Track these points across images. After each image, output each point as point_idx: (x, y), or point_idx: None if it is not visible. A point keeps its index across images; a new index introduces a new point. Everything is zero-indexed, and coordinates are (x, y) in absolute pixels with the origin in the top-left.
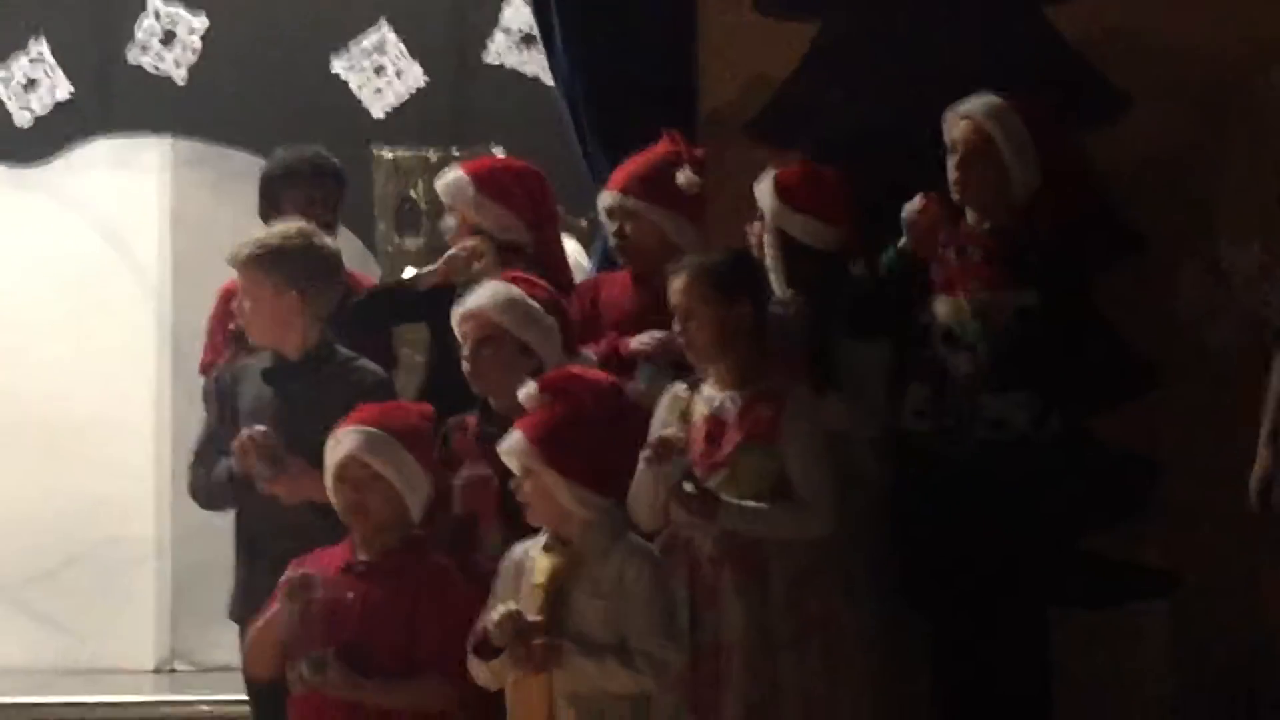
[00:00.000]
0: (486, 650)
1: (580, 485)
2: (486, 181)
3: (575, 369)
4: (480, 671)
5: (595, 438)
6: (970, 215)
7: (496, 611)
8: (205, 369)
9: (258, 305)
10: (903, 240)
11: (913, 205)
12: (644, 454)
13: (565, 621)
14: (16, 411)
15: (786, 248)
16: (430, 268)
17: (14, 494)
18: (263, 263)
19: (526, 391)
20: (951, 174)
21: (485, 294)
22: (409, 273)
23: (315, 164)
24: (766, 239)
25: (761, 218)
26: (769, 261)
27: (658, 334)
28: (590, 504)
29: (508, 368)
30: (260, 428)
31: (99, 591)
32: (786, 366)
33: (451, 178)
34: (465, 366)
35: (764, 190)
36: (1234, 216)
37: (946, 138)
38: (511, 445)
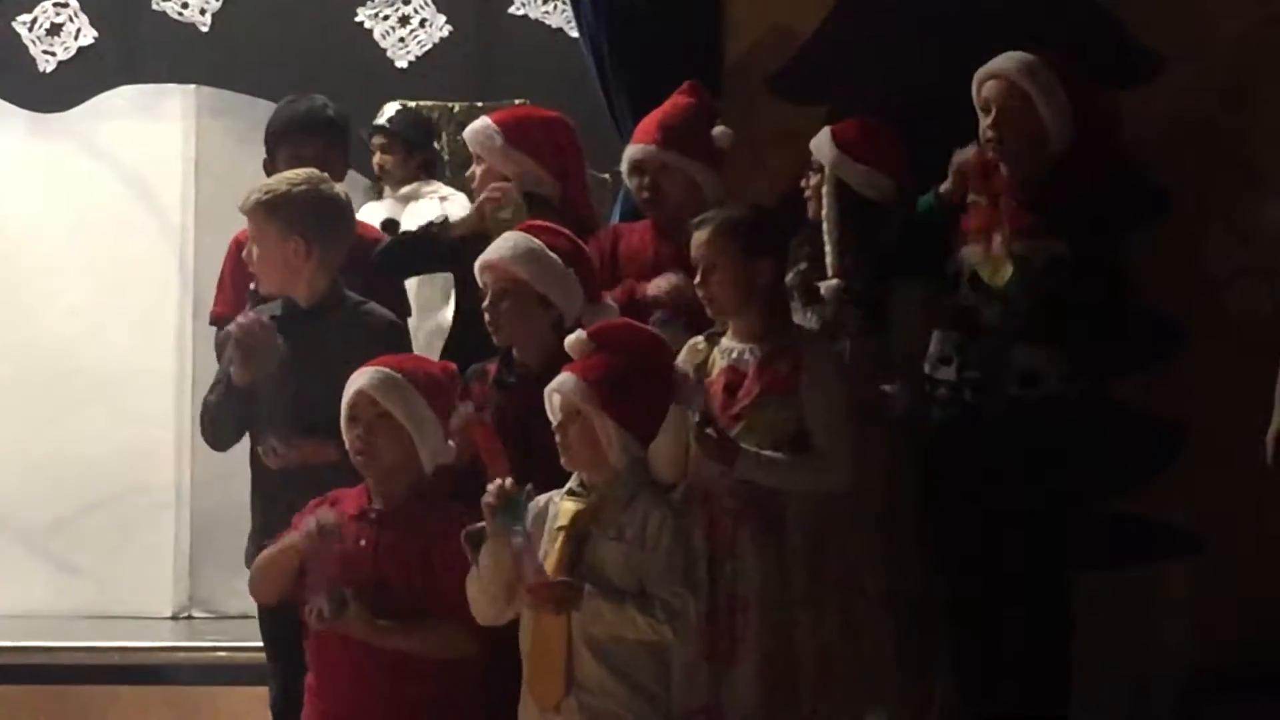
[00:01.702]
0: (474, 536)
1: (627, 432)
2: (514, 131)
3: (626, 321)
4: (471, 580)
5: (644, 388)
6: (1004, 168)
7: (491, 487)
8: (216, 320)
9: (264, 253)
10: (945, 185)
11: (966, 153)
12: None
13: (585, 565)
14: (39, 358)
15: (844, 199)
16: (462, 216)
17: (36, 441)
18: (267, 209)
19: (576, 339)
20: (986, 133)
21: (505, 245)
22: (440, 219)
23: (310, 118)
24: (825, 190)
25: (819, 169)
26: (824, 212)
27: (674, 278)
28: (630, 451)
29: (527, 319)
30: (253, 313)
31: (119, 539)
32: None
33: (479, 127)
34: (485, 317)
35: (822, 142)
36: (1261, 178)
37: (977, 98)
38: (564, 386)
